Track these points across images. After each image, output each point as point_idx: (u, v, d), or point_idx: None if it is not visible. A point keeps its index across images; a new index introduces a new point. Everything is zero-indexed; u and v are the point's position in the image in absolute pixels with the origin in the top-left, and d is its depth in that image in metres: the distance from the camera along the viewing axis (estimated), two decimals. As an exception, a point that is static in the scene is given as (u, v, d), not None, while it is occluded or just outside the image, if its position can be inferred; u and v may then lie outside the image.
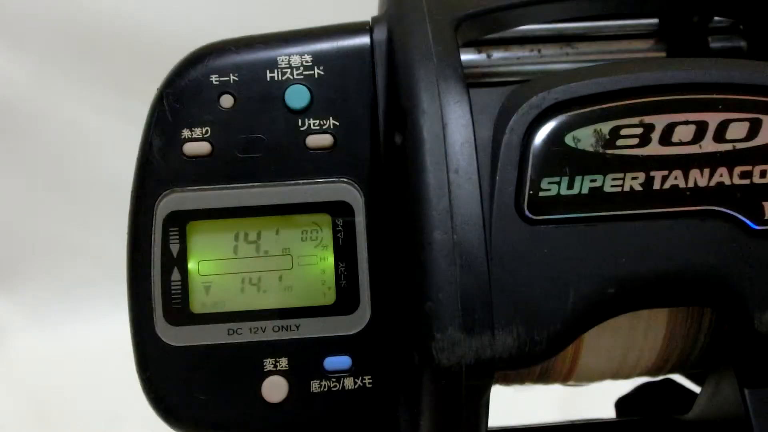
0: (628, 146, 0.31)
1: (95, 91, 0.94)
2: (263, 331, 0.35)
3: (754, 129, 0.31)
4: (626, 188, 0.31)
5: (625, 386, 0.42)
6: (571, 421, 0.39)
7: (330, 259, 0.35)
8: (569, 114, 0.31)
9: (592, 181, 0.31)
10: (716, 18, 0.39)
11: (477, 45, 0.39)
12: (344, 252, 0.35)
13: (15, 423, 0.94)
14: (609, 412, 0.45)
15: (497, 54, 0.39)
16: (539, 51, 0.39)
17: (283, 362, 0.34)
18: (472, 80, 0.35)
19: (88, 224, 0.96)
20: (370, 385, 0.34)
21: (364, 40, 0.36)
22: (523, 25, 0.38)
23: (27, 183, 0.99)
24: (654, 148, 0.31)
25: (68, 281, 0.99)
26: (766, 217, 0.31)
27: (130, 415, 0.79)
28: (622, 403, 0.44)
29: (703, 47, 0.38)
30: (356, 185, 0.35)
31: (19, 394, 0.96)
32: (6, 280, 1.02)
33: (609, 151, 0.31)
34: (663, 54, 0.39)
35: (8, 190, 0.99)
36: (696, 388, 0.41)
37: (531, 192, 0.31)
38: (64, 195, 0.97)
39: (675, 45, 0.39)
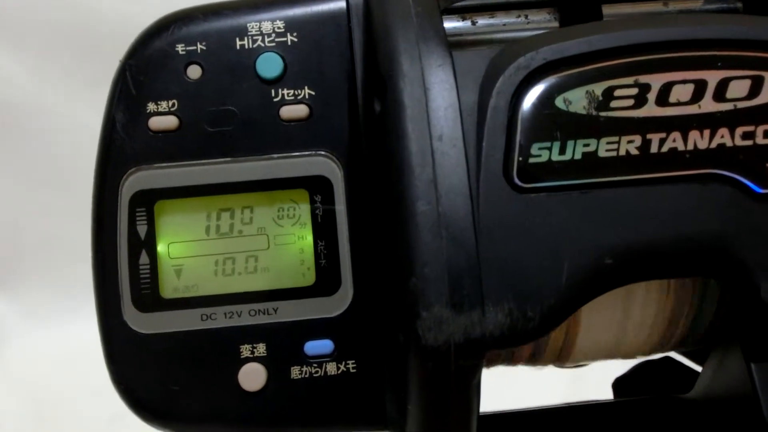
0: (622, 108, 0.28)
1: (95, 91, 0.92)
2: (239, 316, 0.32)
3: (756, 87, 0.29)
4: (622, 152, 0.28)
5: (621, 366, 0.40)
6: (567, 404, 0.36)
7: (308, 238, 0.32)
8: (559, 75, 0.29)
9: (586, 145, 0.28)
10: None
11: (461, 12, 0.36)
12: (323, 230, 0.32)
13: (15, 423, 0.92)
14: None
15: (482, 21, 0.36)
16: (526, 17, 0.36)
17: (261, 348, 0.32)
18: (459, 48, 0.32)
19: (89, 224, 0.94)
20: (354, 370, 0.32)
21: (339, 3, 0.33)
22: None
23: (27, 183, 0.97)
24: (650, 110, 0.28)
25: (68, 281, 0.97)
26: None
27: (130, 414, 0.77)
28: (619, 384, 0.41)
29: (596, 17, 0.35)
30: (334, 158, 0.32)
31: (19, 394, 0.94)
32: (6, 280, 1.00)
33: (603, 114, 0.28)
34: (556, 25, 0.36)
35: (8, 189, 0.97)
36: (696, 367, 0.38)
37: (520, 158, 0.28)
38: (64, 195, 0.96)
39: (568, 15, 0.35)
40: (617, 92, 0.28)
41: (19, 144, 0.96)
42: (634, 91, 0.28)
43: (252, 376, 0.32)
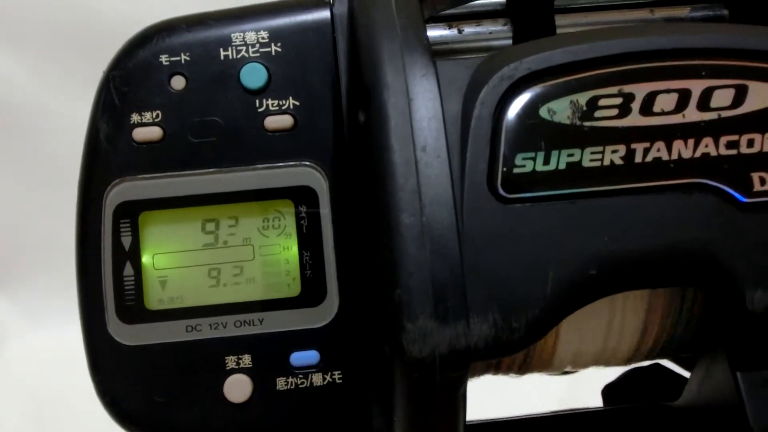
0: (606, 117, 0.28)
1: (95, 91, 0.92)
2: (224, 327, 0.31)
3: (740, 96, 0.28)
4: (606, 162, 0.28)
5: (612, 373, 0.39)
6: (555, 412, 0.36)
7: (294, 248, 0.32)
8: (543, 85, 0.28)
9: (570, 155, 0.28)
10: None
11: (447, 20, 0.36)
12: (309, 240, 0.32)
13: (15, 423, 0.91)
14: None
15: (469, 29, 0.35)
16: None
17: (246, 359, 0.31)
18: (443, 57, 0.31)
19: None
20: (340, 381, 0.32)
21: (323, 13, 0.33)
22: None
23: (27, 183, 0.97)
24: (634, 119, 0.28)
25: (68, 281, 0.96)
26: (755, 189, 0.28)
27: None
28: (609, 390, 0.41)
29: (549, 29, 0.34)
30: (319, 168, 0.32)
31: (19, 394, 0.93)
32: (6, 280, 0.99)
33: (587, 123, 0.28)
34: (510, 36, 0.35)
35: (8, 189, 0.96)
36: (686, 374, 0.38)
37: (504, 169, 0.28)
38: (64, 195, 0.95)
39: (522, 26, 0.35)
40: (601, 102, 0.28)
41: (19, 144, 0.95)
42: (618, 100, 0.28)
43: (237, 388, 0.31)
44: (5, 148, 0.95)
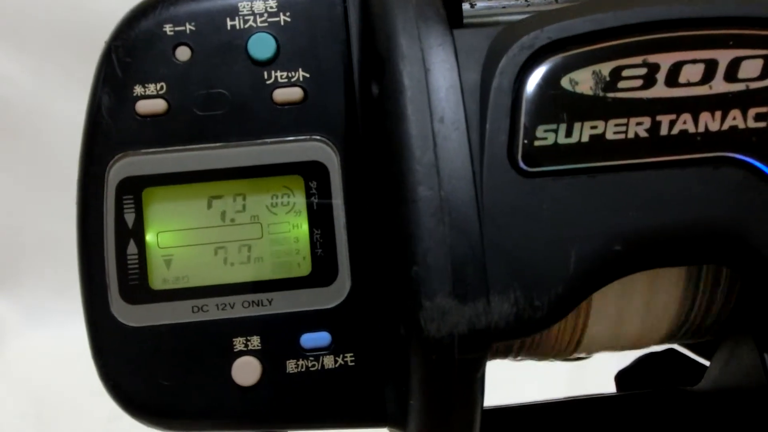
0: (631, 88, 0.27)
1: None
2: (232, 308, 0.30)
3: (769, 66, 0.27)
4: (630, 135, 0.27)
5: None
6: (572, 397, 0.34)
7: (304, 226, 0.30)
8: (565, 54, 0.27)
9: (593, 127, 0.27)
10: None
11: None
12: (319, 218, 0.30)
13: (15, 423, 0.91)
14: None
15: (481, 3, 0.34)
16: (526, -1, 0.34)
17: (255, 341, 0.30)
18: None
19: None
20: (353, 363, 0.30)
21: None
22: None
23: (27, 183, 0.96)
24: (659, 90, 0.27)
25: (68, 281, 0.95)
26: None
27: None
28: (623, 376, 0.39)
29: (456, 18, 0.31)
30: (330, 143, 0.30)
31: (19, 394, 0.93)
32: (6, 280, 0.99)
33: (610, 95, 0.27)
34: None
35: (8, 189, 0.96)
36: (700, 359, 0.37)
37: (525, 141, 0.26)
38: (64, 195, 0.94)
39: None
40: (625, 72, 0.27)
41: (19, 144, 0.95)
42: (643, 71, 0.27)
43: (246, 370, 0.30)
44: (5, 148, 0.95)
